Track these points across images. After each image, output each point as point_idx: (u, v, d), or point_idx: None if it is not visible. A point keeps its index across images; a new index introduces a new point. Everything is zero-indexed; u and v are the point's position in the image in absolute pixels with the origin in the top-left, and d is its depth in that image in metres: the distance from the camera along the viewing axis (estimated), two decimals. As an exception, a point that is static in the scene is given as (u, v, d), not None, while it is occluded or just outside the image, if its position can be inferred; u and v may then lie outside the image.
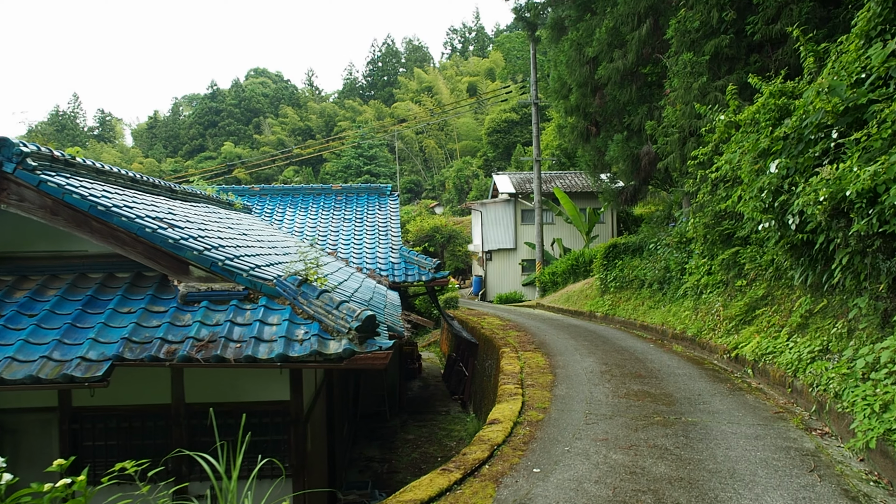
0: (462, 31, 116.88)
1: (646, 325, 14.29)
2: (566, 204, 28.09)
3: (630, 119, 14.76)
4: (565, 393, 7.77)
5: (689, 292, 13.13)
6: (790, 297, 9.16)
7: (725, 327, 10.52)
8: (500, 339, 12.94)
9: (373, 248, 14.11)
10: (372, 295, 9.59)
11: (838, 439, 5.80)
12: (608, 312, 17.01)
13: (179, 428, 5.94)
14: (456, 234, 38.25)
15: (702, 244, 12.29)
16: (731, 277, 11.22)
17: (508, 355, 10.47)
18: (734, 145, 8.23)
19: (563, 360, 10.19)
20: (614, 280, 17.55)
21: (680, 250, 14.16)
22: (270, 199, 16.38)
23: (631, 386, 8.17)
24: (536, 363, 9.83)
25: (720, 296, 11.57)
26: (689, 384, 8.27)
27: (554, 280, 25.58)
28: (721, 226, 11.19)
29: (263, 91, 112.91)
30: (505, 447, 5.53)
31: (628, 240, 18.27)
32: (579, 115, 16.26)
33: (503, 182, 33.33)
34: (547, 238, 30.98)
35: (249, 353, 5.21)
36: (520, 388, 7.98)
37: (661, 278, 14.95)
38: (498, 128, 65.44)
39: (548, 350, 11.46)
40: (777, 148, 7.16)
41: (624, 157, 14.62)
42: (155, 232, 5.98)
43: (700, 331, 11.42)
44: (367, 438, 12.38)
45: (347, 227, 15.08)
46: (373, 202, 16.47)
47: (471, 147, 77.62)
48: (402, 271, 13.19)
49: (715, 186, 9.64)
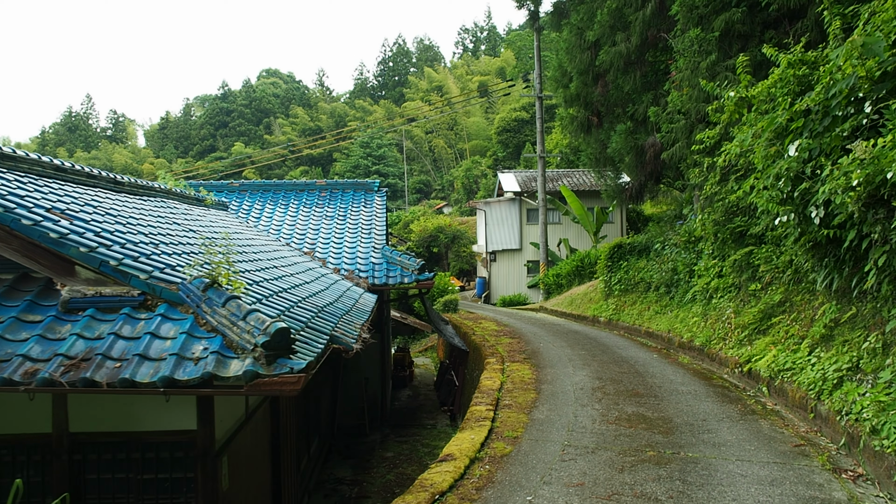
0: (474, 30, 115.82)
1: (651, 332, 13.09)
2: (573, 203, 26.83)
3: (634, 108, 13.53)
4: (545, 416, 6.62)
5: (697, 296, 11.92)
6: (811, 303, 7.95)
7: (737, 337, 9.31)
8: (488, 348, 11.81)
9: (353, 248, 13.03)
10: (335, 299, 8.51)
11: (876, 485, 4.61)
12: (612, 317, 15.81)
13: (61, 463, 4.87)
14: (460, 235, 37.13)
15: (712, 243, 11.08)
16: (744, 280, 10.00)
17: (491, 367, 9.34)
18: (746, 128, 7.04)
19: (552, 374, 9.04)
20: (619, 283, 16.34)
21: (688, 250, 12.94)
22: (250, 195, 15.36)
23: (624, 407, 7.01)
24: (521, 377, 8.68)
25: (732, 301, 10.36)
26: (693, 405, 7.10)
27: (558, 282, 24.36)
28: (732, 222, 9.98)
29: (274, 91, 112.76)
30: (450, 497, 4.38)
31: (634, 240, 17.04)
32: (580, 105, 15.01)
33: (508, 180, 32.14)
34: (553, 238, 29.74)
35: (126, 376, 4.14)
36: (493, 409, 6.85)
37: (668, 281, 13.74)
38: (508, 127, 64.36)
39: (538, 360, 10.30)
40: (797, 126, 5.97)
41: (628, 150, 13.39)
42: (36, 225, 4.92)
43: (709, 340, 10.22)
44: (342, 456, 11.29)
45: (328, 225, 14.01)
46: (358, 199, 15.39)
47: (481, 147, 76.54)
48: (383, 273, 12.10)
49: (724, 177, 8.43)
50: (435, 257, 38.01)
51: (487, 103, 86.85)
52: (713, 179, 8.76)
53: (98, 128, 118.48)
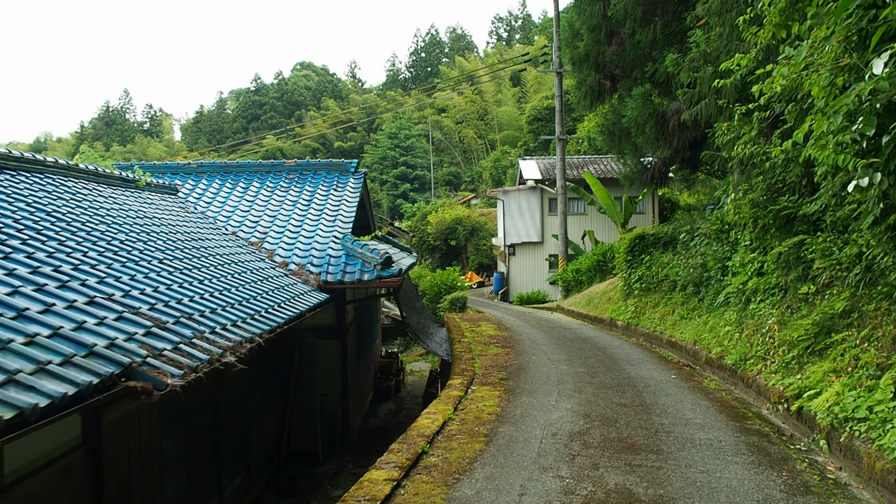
0: (508, 19, 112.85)
1: (673, 342, 10.62)
2: (598, 191, 24.09)
3: (654, 67, 10.94)
4: (473, 494, 4.30)
5: (731, 299, 9.41)
6: (892, 315, 5.46)
7: (782, 357, 6.84)
8: (465, 361, 9.51)
9: (311, 238, 10.87)
10: (202, 310, 6.35)
11: None
12: (630, 321, 13.32)
13: None
14: (480, 227, 34.75)
15: (749, 232, 8.57)
16: (792, 280, 7.49)
17: (447, 394, 7.07)
18: (798, 47, 4.56)
19: (525, 406, 6.70)
20: (639, 280, 13.81)
21: (721, 241, 10.40)
22: (209, 177, 13.34)
23: (606, 476, 4.64)
24: (478, 412, 6.37)
25: (775, 307, 7.85)
26: (713, 471, 4.70)
27: (578, 279, 21.79)
28: (777, 203, 7.47)
29: (306, 84, 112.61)
30: None
31: (659, 230, 14.47)
32: (590, 68, 12.40)
33: (529, 168, 29.59)
34: (578, 230, 27.14)
35: None
36: (401, 476, 4.57)
37: (696, 279, 11.20)
38: (539, 115, 61.74)
39: (517, 383, 7.97)
40: (890, 26, 3.52)
41: (646, 118, 10.83)
42: None
43: (744, 358, 7.74)
44: (279, 494, 9.15)
45: (288, 211, 11.87)
46: (331, 181, 13.21)
47: (512, 137, 74.07)
48: (339, 268, 9.91)
49: (765, 132, 5.93)
50: (454, 251, 35.72)
51: (521, 92, 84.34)
52: (748, 132, 6.25)
53: (135, 122, 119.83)
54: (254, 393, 9.12)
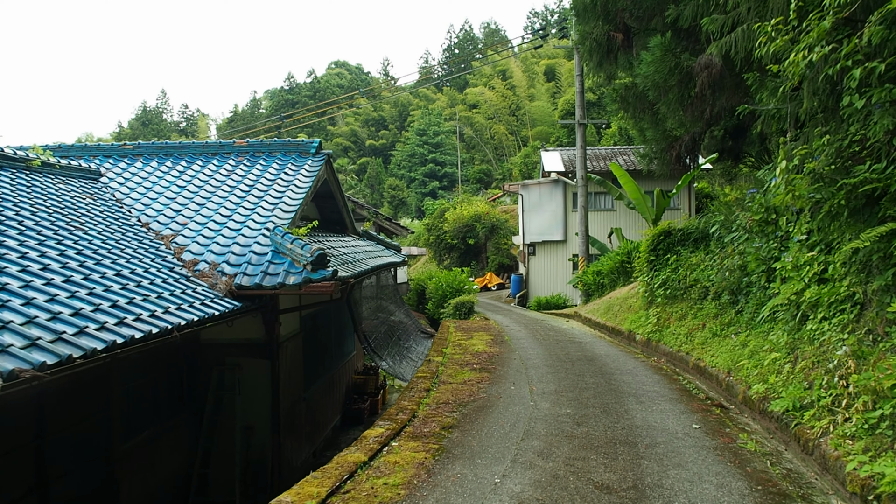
0: (543, 13, 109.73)
1: (702, 368, 8.08)
2: (626, 184, 21.31)
3: (678, 11, 8.32)
4: None
5: (780, 314, 6.84)
6: None
7: (863, 415, 4.30)
8: (412, 395, 7.14)
9: (237, 231, 8.65)
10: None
11: None
12: (651, 336, 10.76)
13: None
14: (500, 225, 32.20)
15: (807, 220, 6.03)
16: (876, 292, 4.94)
17: (334, 465, 4.74)
18: None
19: (450, 487, 4.31)
20: (663, 286, 11.21)
21: (766, 236, 7.79)
22: (145, 159, 11.27)
23: None
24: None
25: (847, 331, 5.29)
26: None
27: (599, 281, 19.11)
28: (850, 175, 4.90)
29: (339, 82, 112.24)
30: None
31: (688, 224, 11.83)
32: (597, 17, 9.70)
33: (551, 159, 26.98)
34: (605, 228, 24.44)
35: None
36: None
37: (733, 286, 8.61)
38: (572, 110, 58.83)
39: (466, 434, 5.57)
40: None
41: (666, 75, 8.20)
42: None
43: (800, 406, 5.21)
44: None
45: (220, 200, 9.68)
46: (284, 164, 10.98)
47: (545, 133, 71.33)
48: (261, 268, 7.66)
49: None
50: (473, 250, 33.28)
51: (555, 87, 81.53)
52: (816, 27, 3.73)
53: (171, 122, 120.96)
54: (138, 430, 6.94)
